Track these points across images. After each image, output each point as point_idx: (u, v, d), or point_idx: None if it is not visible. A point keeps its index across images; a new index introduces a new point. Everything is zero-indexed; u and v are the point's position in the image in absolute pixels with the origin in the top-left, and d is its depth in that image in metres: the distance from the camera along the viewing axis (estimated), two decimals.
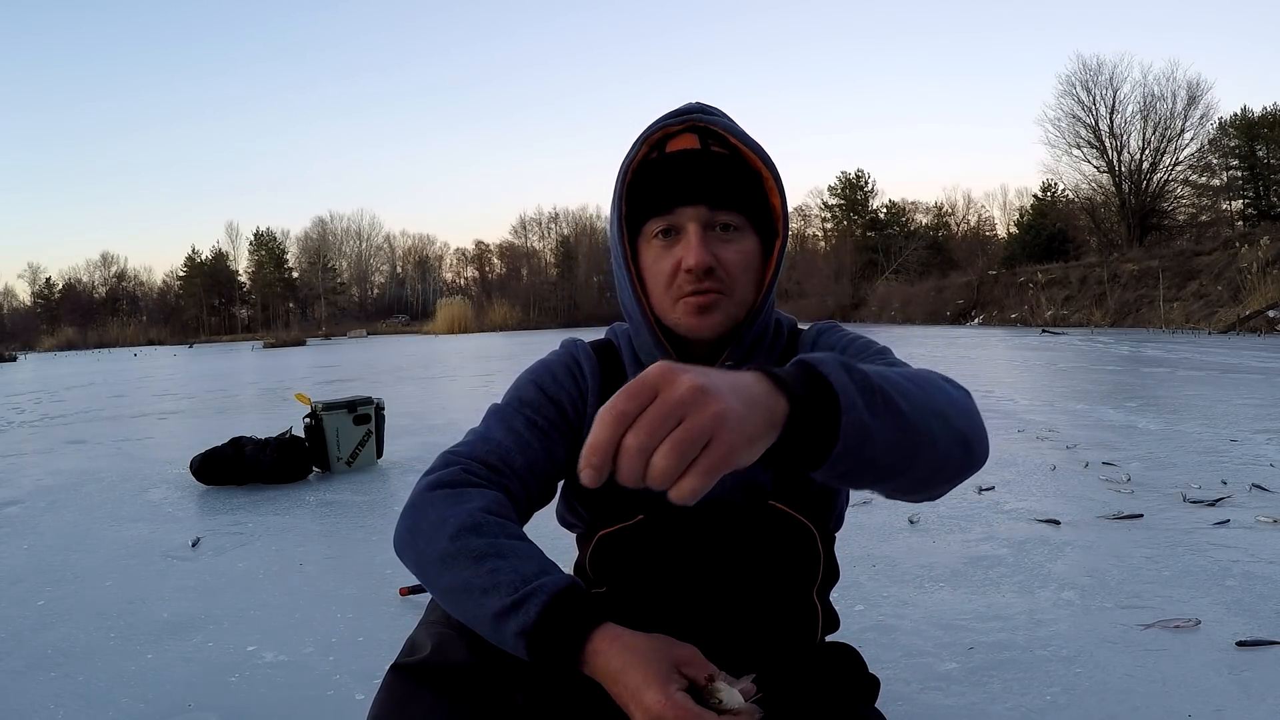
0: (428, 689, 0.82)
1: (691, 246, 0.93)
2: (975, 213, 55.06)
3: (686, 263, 0.93)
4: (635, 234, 0.99)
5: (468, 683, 0.82)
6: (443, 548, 0.84)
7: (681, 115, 0.98)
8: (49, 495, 4.26)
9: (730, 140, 0.98)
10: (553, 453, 1.00)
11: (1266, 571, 2.37)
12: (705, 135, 0.98)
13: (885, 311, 36.00)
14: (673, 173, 0.95)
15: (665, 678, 0.73)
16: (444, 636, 0.86)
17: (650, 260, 0.97)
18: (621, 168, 0.99)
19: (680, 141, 0.97)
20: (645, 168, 0.98)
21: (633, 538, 1.00)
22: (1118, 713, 1.61)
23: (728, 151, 0.97)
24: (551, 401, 1.02)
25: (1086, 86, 31.79)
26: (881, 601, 2.24)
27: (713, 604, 1.00)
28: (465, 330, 45.41)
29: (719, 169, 0.96)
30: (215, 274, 65.68)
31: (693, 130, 0.98)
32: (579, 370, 1.05)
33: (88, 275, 69.21)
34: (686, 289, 0.94)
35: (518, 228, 67.39)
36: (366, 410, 4.65)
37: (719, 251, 0.94)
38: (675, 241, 0.95)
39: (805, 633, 1.05)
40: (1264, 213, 31.22)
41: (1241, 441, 4.44)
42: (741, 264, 0.96)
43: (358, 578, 2.65)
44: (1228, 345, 13.13)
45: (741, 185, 0.96)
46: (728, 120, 1.00)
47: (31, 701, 1.84)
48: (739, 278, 0.96)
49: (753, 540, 0.99)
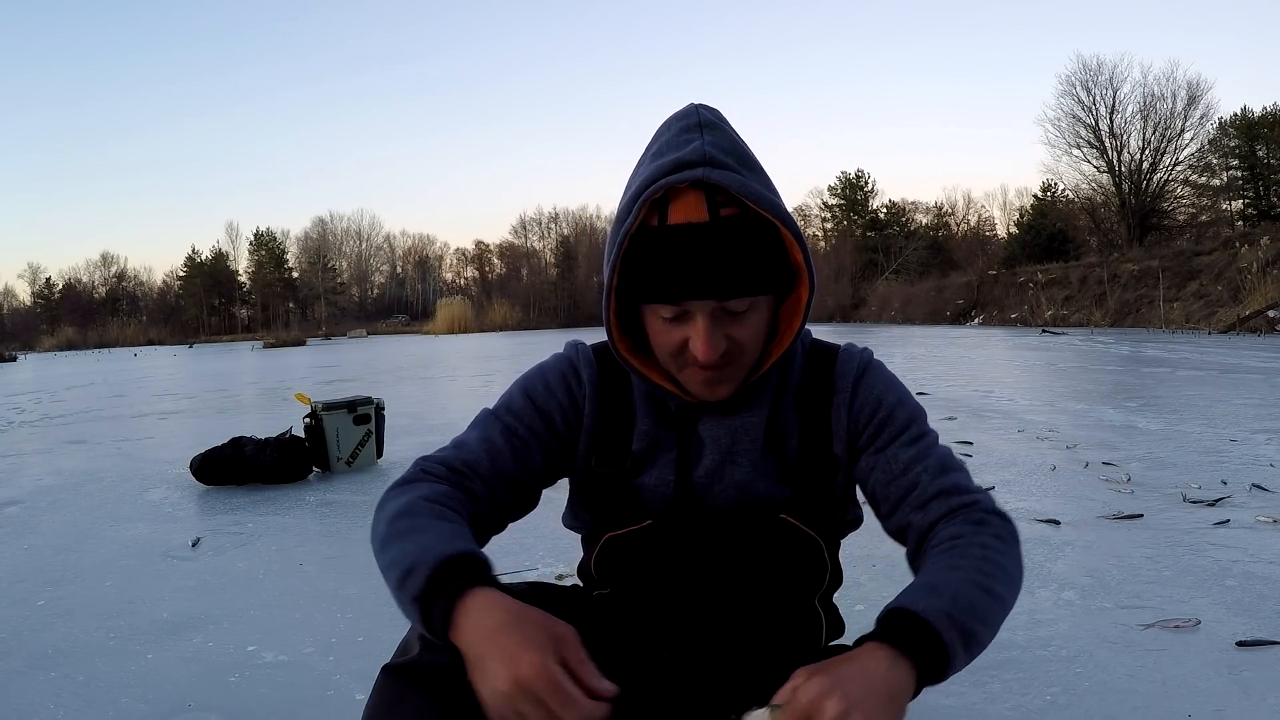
0: (418, 689, 0.82)
1: (702, 341, 0.87)
2: (975, 213, 55.12)
3: (696, 353, 0.88)
4: (632, 300, 0.91)
5: (458, 682, 0.82)
6: (382, 532, 0.89)
7: (684, 168, 0.86)
8: (49, 495, 4.26)
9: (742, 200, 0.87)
10: (527, 461, 0.99)
11: (1266, 571, 2.37)
12: (713, 193, 0.86)
13: (885, 311, 35.99)
14: (678, 257, 0.85)
15: (545, 647, 0.72)
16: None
17: (657, 329, 0.92)
18: (615, 231, 0.89)
19: (685, 208, 0.86)
20: (645, 239, 0.87)
21: (640, 542, 1.00)
22: (1118, 713, 1.61)
23: (738, 210, 0.86)
24: (538, 411, 1.01)
25: (1086, 86, 31.80)
26: (881, 601, 2.21)
27: (716, 610, 1.00)
28: (465, 330, 45.36)
29: (729, 249, 0.85)
30: (215, 274, 65.64)
31: (698, 187, 0.86)
32: (575, 379, 1.03)
33: (88, 275, 69.25)
34: (694, 363, 0.91)
35: (518, 228, 67.47)
36: (366, 410, 4.64)
37: (731, 332, 0.89)
38: (684, 322, 0.89)
39: (809, 639, 1.04)
40: (1264, 213, 31.20)
41: (1241, 441, 4.44)
42: (752, 335, 0.91)
43: (358, 578, 2.65)
44: (1228, 345, 13.13)
45: (754, 256, 0.87)
46: (732, 174, 0.87)
47: (31, 701, 1.84)
48: (750, 347, 0.92)
49: (760, 550, 0.98)
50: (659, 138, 0.93)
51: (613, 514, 1.01)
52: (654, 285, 0.87)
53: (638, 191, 0.87)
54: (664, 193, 0.86)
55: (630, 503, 1.00)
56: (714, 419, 0.99)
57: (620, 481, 1.00)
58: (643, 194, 0.86)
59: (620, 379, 1.03)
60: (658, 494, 0.99)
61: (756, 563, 0.98)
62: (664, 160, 0.88)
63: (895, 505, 0.96)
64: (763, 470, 0.99)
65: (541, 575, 2.56)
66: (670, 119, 0.94)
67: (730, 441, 0.99)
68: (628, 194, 0.90)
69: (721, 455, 0.99)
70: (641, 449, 1.00)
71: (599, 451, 1.01)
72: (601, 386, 1.02)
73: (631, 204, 0.88)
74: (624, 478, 1.00)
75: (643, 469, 1.00)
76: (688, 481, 0.99)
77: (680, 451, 0.99)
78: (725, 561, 0.98)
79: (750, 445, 0.99)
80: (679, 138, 0.90)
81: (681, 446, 0.99)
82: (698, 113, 0.92)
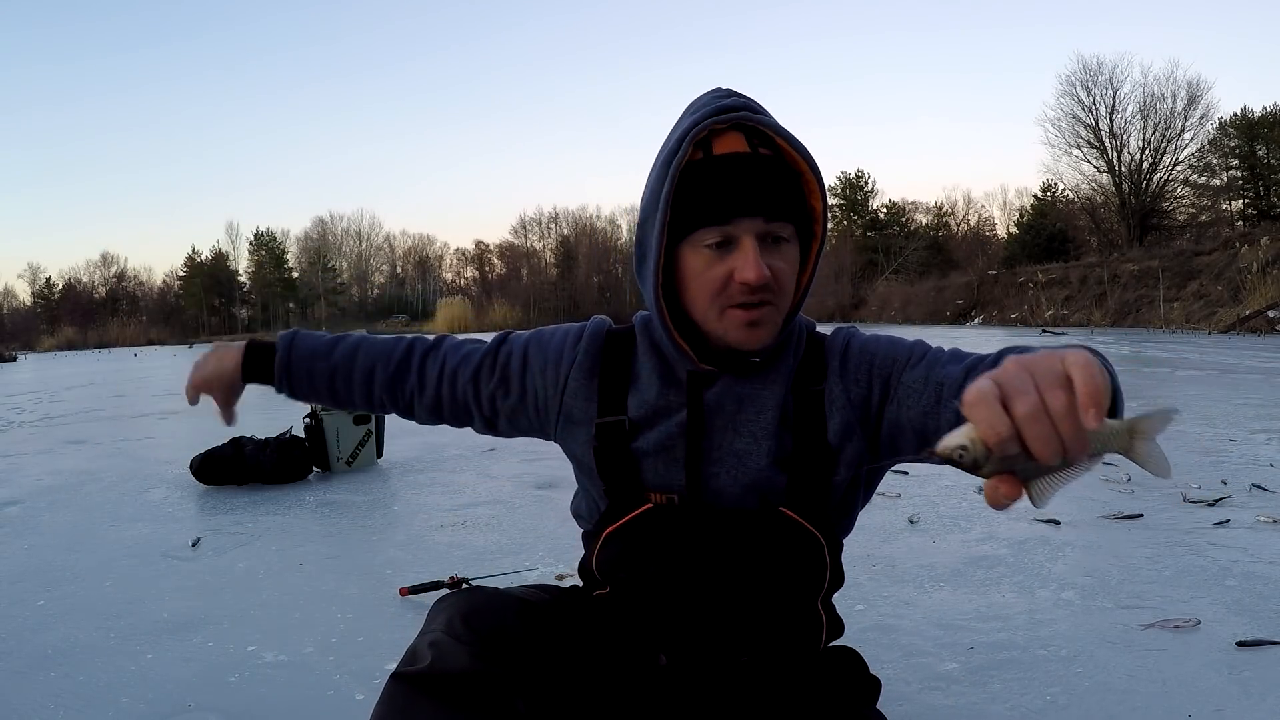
0: (428, 697, 0.82)
1: (750, 261, 0.90)
2: (975, 213, 55.14)
3: (744, 276, 0.90)
4: (677, 238, 0.95)
5: (468, 691, 0.82)
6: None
7: (726, 113, 0.93)
8: (49, 495, 4.26)
9: (775, 140, 0.94)
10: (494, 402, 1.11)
11: (1266, 571, 2.37)
12: (752, 135, 0.94)
13: (885, 311, 36.00)
14: (726, 180, 0.91)
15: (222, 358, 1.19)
16: (444, 645, 0.86)
17: (699, 268, 0.93)
18: (663, 166, 0.94)
19: (728, 143, 0.93)
20: (693, 170, 0.93)
21: (639, 539, 1.00)
22: (1118, 713, 1.61)
23: (772, 152, 0.94)
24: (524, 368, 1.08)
25: (1086, 86, 31.89)
26: (881, 602, 2.24)
27: (716, 611, 0.99)
28: (465, 330, 45.35)
29: (771, 176, 0.92)
30: (215, 274, 65.64)
31: (738, 129, 0.94)
32: (573, 349, 1.07)
33: (88, 275, 69.19)
34: (737, 299, 0.92)
35: (518, 228, 67.47)
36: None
37: (772, 263, 0.92)
38: (729, 252, 0.92)
39: (809, 641, 1.04)
40: (1264, 213, 31.22)
41: (1241, 441, 4.44)
42: (789, 273, 0.95)
43: (358, 578, 2.65)
44: (1228, 345, 13.13)
45: (790, 191, 0.94)
46: (770, 118, 0.96)
47: (31, 701, 1.84)
48: (787, 286, 0.95)
49: (760, 548, 0.98)
50: (691, 108, 0.98)
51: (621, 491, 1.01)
52: (702, 211, 0.92)
53: (684, 133, 0.93)
54: (707, 133, 0.93)
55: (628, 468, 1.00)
56: (724, 385, 0.99)
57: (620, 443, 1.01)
58: (689, 134, 0.93)
59: (623, 357, 1.05)
60: (658, 460, 1.00)
61: (756, 561, 0.98)
62: (704, 110, 0.95)
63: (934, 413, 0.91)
64: (762, 446, 0.98)
65: (541, 575, 2.56)
66: (700, 96, 1.00)
67: (735, 409, 0.99)
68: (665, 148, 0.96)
69: (725, 422, 0.99)
70: (641, 415, 1.01)
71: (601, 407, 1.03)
72: (601, 360, 1.05)
73: (679, 143, 0.93)
74: (623, 439, 1.01)
75: (640, 432, 1.01)
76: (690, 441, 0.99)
77: (690, 415, 0.99)
78: (726, 559, 0.98)
79: (753, 417, 0.98)
80: (713, 101, 0.97)
81: (691, 409, 0.99)
82: (726, 88, 0.99)
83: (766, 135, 0.94)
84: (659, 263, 0.95)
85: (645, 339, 1.05)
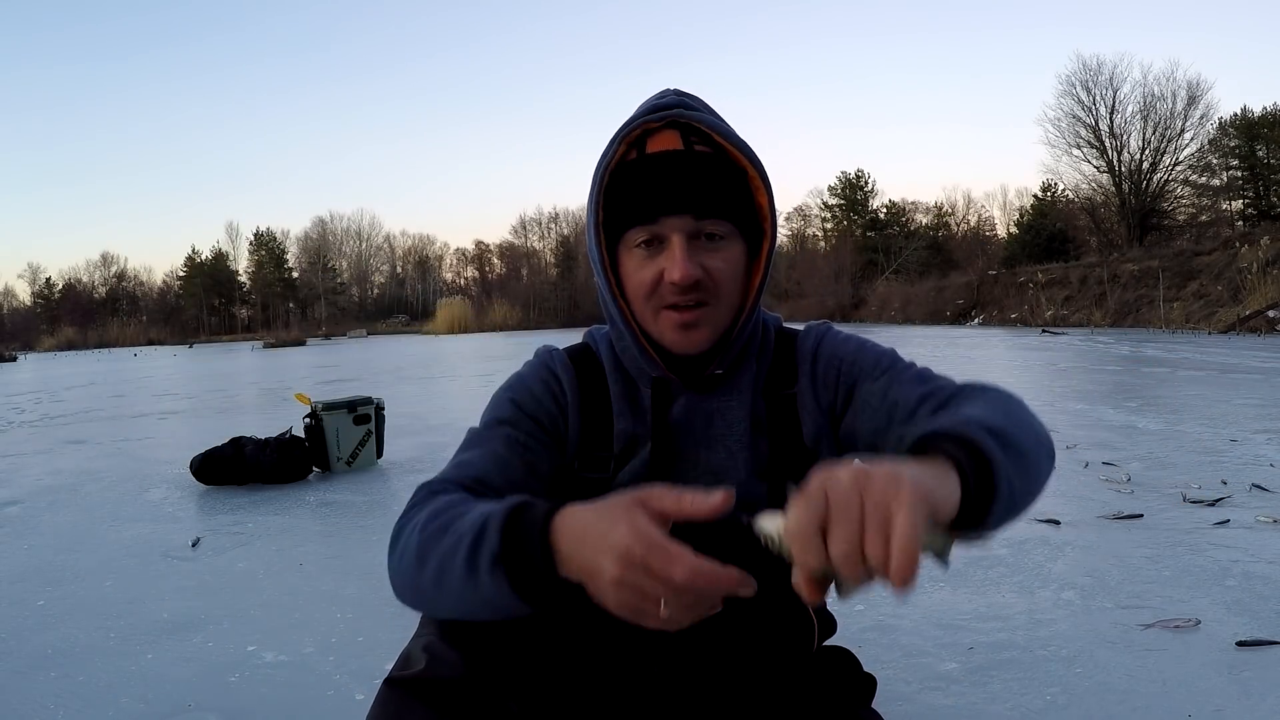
0: (421, 702, 0.82)
1: (676, 259, 0.88)
2: (975, 213, 55.14)
3: (671, 276, 0.88)
4: (614, 239, 0.93)
5: (461, 695, 0.81)
6: (416, 544, 0.79)
7: (661, 111, 0.91)
8: (49, 495, 4.26)
9: (714, 138, 0.92)
10: (535, 467, 0.95)
11: (1266, 571, 2.37)
12: (688, 132, 0.91)
13: (885, 311, 35.98)
14: (655, 178, 0.89)
15: (632, 510, 0.64)
16: (436, 649, 0.85)
17: (632, 269, 0.92)
18: (598, 168, 0.93)
19: (661, 140, 0.91)
20: (624, 170, 0.92)
21: None
22: (1118, 713, 1.61)
23: (711, 150, 0.91)
24: (531, 416, 0.97)
25: (1086, 86, 31.87)
26: (881, 601, 2.23)
27: (705, 624, 0.99)
28: (465, 330, 45.42)
29: (704, 172, 0.90)
30: (215, 274, 65.72)
31: (674, 127, 0.91)
32: (556, 385, 1.00)
33: (88, 275, 69.35)
34: (669, 299, 0.90)
35: (518, 228, 67.61)
36: (366, 410, 4.64)
37: (705, 261, 0.89)
38: (658, 252, 0.90)
39: (801, 644, 1.04)
40: (1264, 213, 31.23)
41: (1241, 441, 4.44)
42: (729, 273, 0.92)
43: (358, 578, 2.65)
44: (1228, 345, 13.13)
45: (727, 188, 0.91)
46: (710, 115, 0.93)
47: (31, 701, 1.84)
48: (726, 287, 0.92)
49: (746, 556, 0.97)
50: None
51: None
52: (631, 211, 0.90)
53: (616, 133, 0.92)
54: (640, 132, 0.91)
55: None
56: (690, 401, 0.97)
57: (604, 486, 0.97)
58: (619, 133, 0.91)
59: (597, 382, 1.00)
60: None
61: (744, 568, 0.97)
62: (639, 109, 0.93)
63: (884, 435, 0.90)
64: (738, 459, 0.96)
65: None
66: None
67: (705, 424, 0.97)
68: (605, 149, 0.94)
69: (695, 440, 0.97)
70: (621, 448, 0.98)
71: (582, 456, 0.99)
72: (581, 389, 1.00)
73: (610, 143, 0.91)
74: (607, 482, 0.97)
75: (622, 466, 0.98)
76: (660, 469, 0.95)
77: (655, 438, 0.96)
78: None
79: (725, 431, 0.97)
80: (653, 100, 0.95)
81: (656, 440, 0.96)
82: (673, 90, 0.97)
83: (705, 133, 0.92)
84: (604, 265, 0.93)
85: (610, 358, 1.01)
